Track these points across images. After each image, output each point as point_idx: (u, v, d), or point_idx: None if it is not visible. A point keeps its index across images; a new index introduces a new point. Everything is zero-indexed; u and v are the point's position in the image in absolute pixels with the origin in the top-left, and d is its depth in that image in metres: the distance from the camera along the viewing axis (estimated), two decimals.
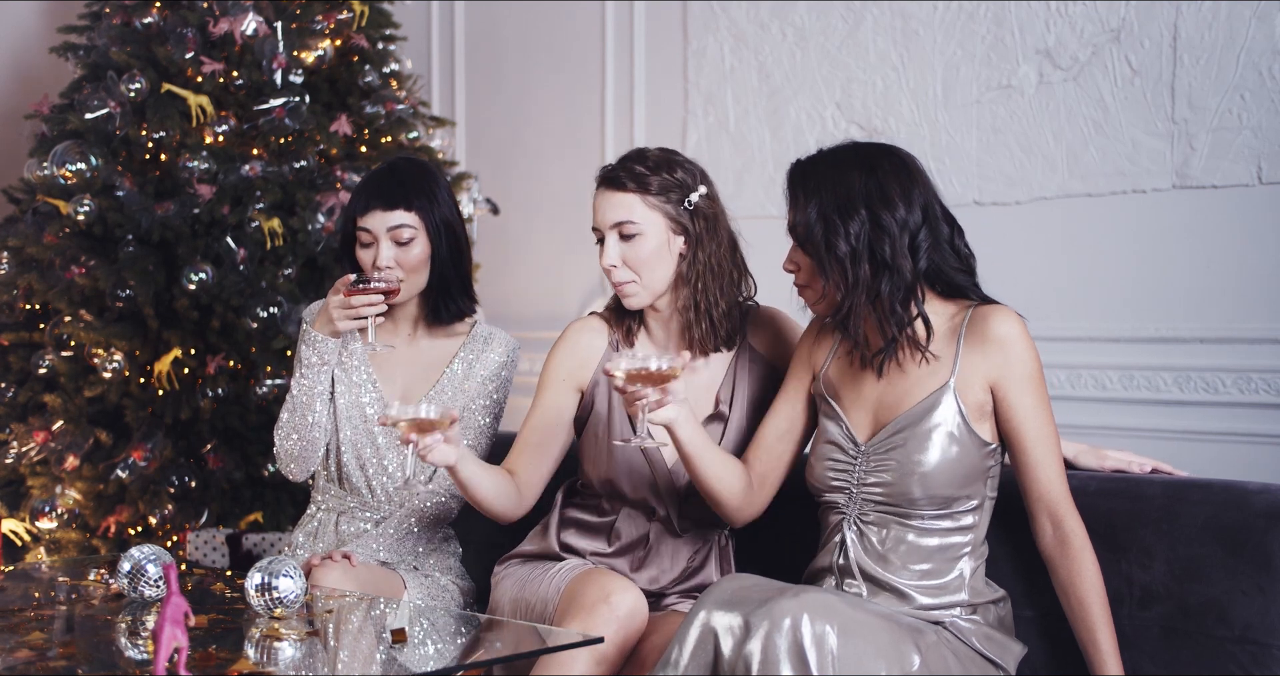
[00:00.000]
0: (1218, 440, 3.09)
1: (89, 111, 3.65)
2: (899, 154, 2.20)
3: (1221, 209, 3.10)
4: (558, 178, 4.57)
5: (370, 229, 2.60)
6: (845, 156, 2.19)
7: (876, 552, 2.14)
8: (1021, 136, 3.42)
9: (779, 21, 3.92)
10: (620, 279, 2.37)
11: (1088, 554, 2.10)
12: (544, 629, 2.15)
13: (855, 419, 2.20)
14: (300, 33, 3.74)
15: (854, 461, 2.18)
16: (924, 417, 2.12)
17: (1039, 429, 2.12)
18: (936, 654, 2.03)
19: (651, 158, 2.38)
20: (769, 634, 1.89)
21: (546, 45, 4.61)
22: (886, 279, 2.11)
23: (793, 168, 2.22)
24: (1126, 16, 3.24)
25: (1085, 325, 3.30)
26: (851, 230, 2.11)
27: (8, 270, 3.73)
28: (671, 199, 2.35)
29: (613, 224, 2.36)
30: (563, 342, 2.50)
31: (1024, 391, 2.11)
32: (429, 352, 2.73)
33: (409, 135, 3.92)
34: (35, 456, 3.60)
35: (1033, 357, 2.12)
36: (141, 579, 2.21)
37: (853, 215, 2.11)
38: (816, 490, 2.24)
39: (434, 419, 2.10)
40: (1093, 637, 2.08)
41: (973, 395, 2.12)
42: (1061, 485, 2.12)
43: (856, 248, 2.11)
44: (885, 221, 2.11)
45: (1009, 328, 2.12)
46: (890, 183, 2.13)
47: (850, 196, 2.12)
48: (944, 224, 2.17)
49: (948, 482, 2.11)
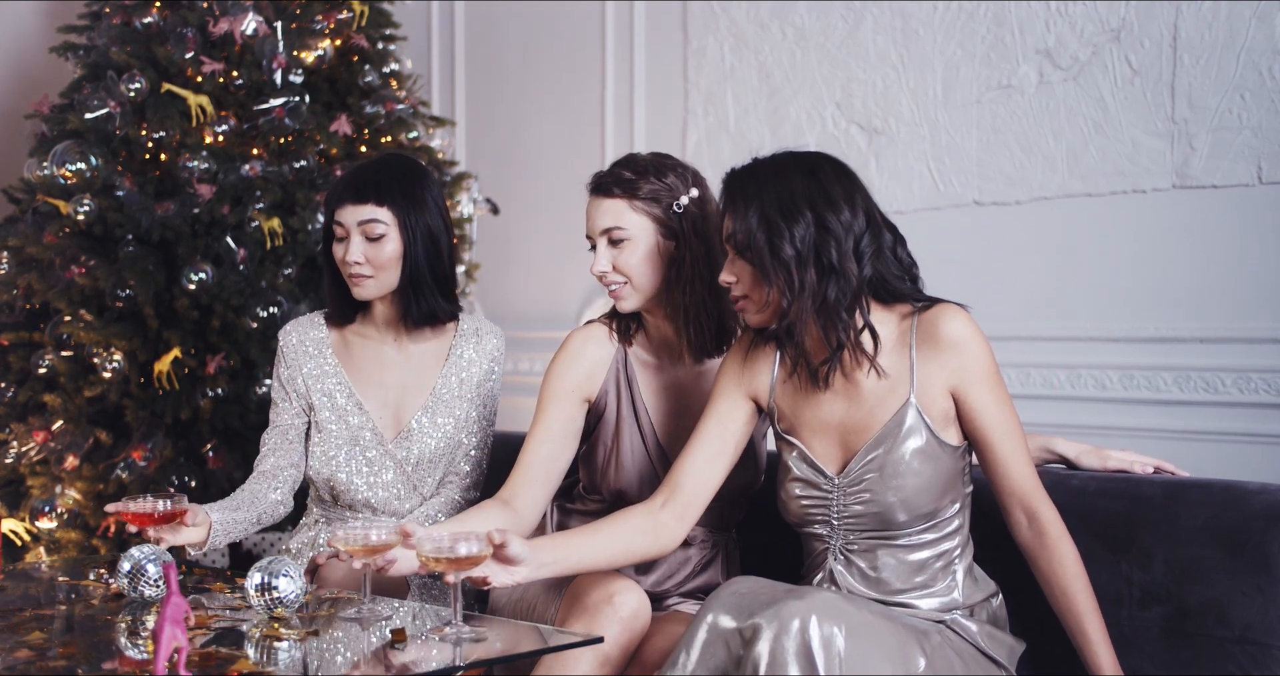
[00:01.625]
0: (1218, 440, 3.09)
1: (89, 111, 3.65)
2: (836, 161, 2.15)
3: (1221, 209, 3.10)
4: (558, 178, 4.57)
5: (343, 222, 2.59)
6: (784, 161, 2.13)
7: (867, 577, 2.14)
8: (1021, 136, 3.42)
9: (779, 21, 3.92)
10: (612, 283, 2.37)
11: (1065, 543, 2.08)
12: (545, 629, 2.15)
13: (820, 450, 2.17)
14: (300, 32, 3.74)
15: (830, 494, 2.15)
16: (893, 440, 2.09)
17: (1003, 425, 2.09)
18: (941, 655, 2.03)
19: (641, 162, 2.38)
20: (777, 636, 1.89)
21: (546, 45, 4.61)
22: (833, 284, 2.05)
23: (729, 175, 2.15)
24: (1126, 16, 3.24)
25: (1085, 325, 3.30)
26: (797, 233, 2.04)
27: (8, 270, 3.73)
28: (660, 203, 2.34)
29: (602, 230, 2.37)
30: (566, 354, 2.45)
31: (984, 391, 2.08)
32: (418, 357, 2.71)
33: (409, 135, 3.92)
34: (35, 456, 3.60)
35: (987, 353, 2.09)
36: (141, 579, 2.21)
37: (797, 217, 2.05)
38: (795, 524, 2.23)
39: (385, 542, 2.07)
40: (1080, 628, 2.07)
41: (935, 405, 2.09)
42: (1032, 478, 2.10)
43: (802, 251, 2.04)
44: (831, 224, 2.05)
45: (958, 326, 2.07)
46: (833, 185, 2.08)
47: (794, 198, 2.06)
48: (886, 231, 2.12)
49: (929, 499, 2.10)
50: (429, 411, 2.66)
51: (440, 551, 1.96)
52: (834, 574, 2.16)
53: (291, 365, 2.70)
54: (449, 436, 2.67)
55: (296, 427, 2.70)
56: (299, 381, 2.69)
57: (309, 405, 2.69)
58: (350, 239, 2.57)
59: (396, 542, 2.10)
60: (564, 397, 2.41)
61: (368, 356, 2.71)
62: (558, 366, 2.43)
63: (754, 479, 2.47)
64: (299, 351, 2.70)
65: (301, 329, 2.73)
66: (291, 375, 2.69)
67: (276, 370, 2.73)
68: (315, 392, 2.68)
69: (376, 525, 2.11)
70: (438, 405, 2.67)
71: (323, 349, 2.70)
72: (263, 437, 2.73)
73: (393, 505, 2.66)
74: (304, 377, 2.68)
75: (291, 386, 2.69)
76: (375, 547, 2.09)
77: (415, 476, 2.66)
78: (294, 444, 2.69)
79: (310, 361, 2.69)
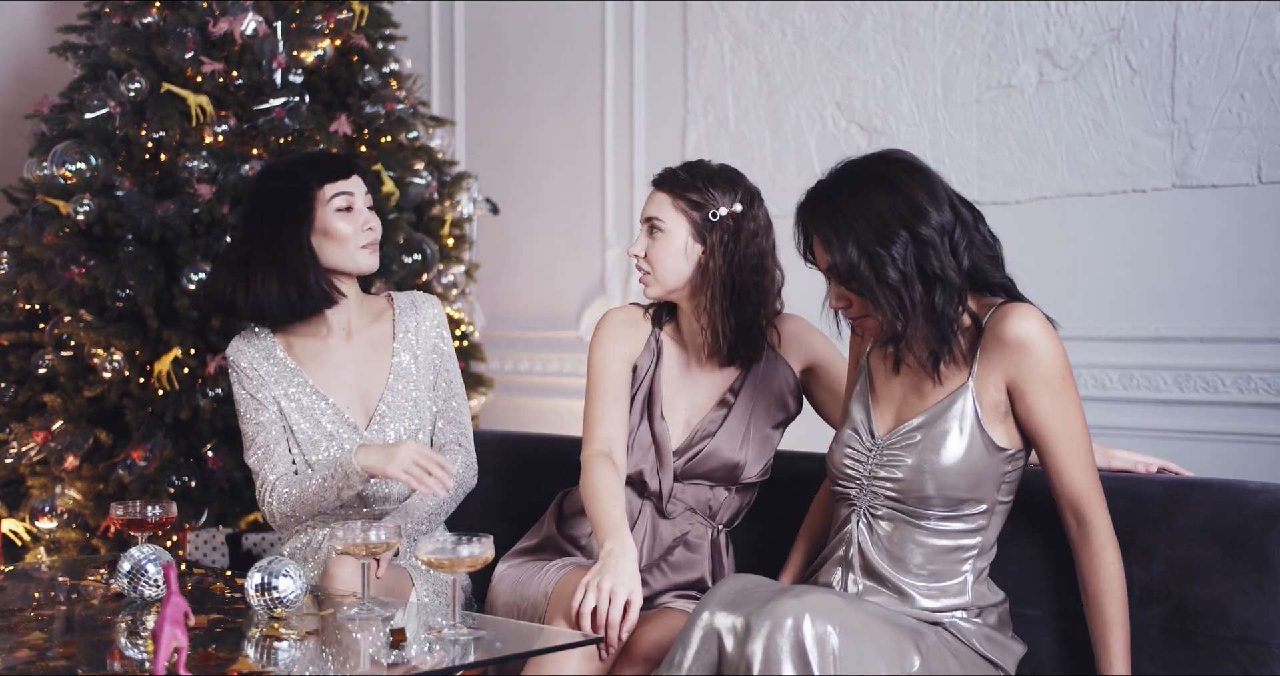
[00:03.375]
0: (1217, 439, 3.09)
1: (89, 111, 3.65)
2: (904, 160, 2.13)
3: (1221, 208, 3.10)
4: (558, 177, 4.57)
5: (349, 189, 2.65)
6: (856, 179, 2.10)
7: (884, 548, 2.14)
8: (1021, 136, 3.42)
9: (779, 21, 3.92)
10: (640, 268, 2.51)
11: (1108, 554, 2.08)
12: (543, 628, 2.15)
13: (880, 410, 2.20)
14: (300, 32, 3.74)
15: (868, 453, 2.17)
16: (940, 418, 2.10)
17: (1061, 429, 2.07)
18: (937, 655, 2.03)
19: (701, 168, 2.50)
20: (771, 634, 1.89)
21: (546, 45, 4.61)
22: (940, 291, 2.06)
23: (805, 207, 2.14)
24: (1126, 16, 3.24)
25: (1085, 324, 3.30)
26: (896, 254, 2.04)
27: (8, 270, 3.73)
28: (700, 208, 2.45)
29: (645, 217, 2.51)
30: (611, 323, 2.57)
31: (1043, 392, 2.06)
32: (366, 344, 2.74)
33: (409, 135, 3.92)
34: (35, 456, 3.60)
35: (1052, 357, 2.06)
36: (141, 579, 2.21)
37: (894, 239, 2.04)
38: (832, 476, 2.24)
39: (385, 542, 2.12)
40: (1103, 636, 2.07)
41: (988, 396, 2.09)
42: (1087, 484, 2.09)
43: (906, 272, 2.04)
44: (925, 234, 2.04)
45: (1025, 327, 2.06)
46: (915, 191, 2.06)
47: (884, 220, 2.05)
48: (965, 210, 2.11)
49: (958, 484, 2.09)
50: (393, 391, 2.69)
51: (441, 552, 1.97)
52: (856, 539, 2.16)
53: (253, 377, 2.67)
54: (421, 409, 2.70)
55: (279, 426, 2.67)
56: (265, 391, 2.67)
57: (280, 411, 2.68)
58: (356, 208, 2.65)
59: (397, 543, 2.11)
60: (617, 358, 2.53)
61: (320, 354, 2.71)
62: (603, 335, 2.55)
63: (753, 458, 2.50)
64: (254, 363, 2.68)
65: (248, 343, 2.70)
66: (256, 386, 2.67)
67: (239, 391, 2.68)
68: (282, 398, 2.67)
69: (376, 526, 2.12)
70: (399, 383, 2.70)
71: (276, 354, 2.69)
72: (250, 454, 2.66)
73: (383, 490, 2.66)
74: (269, 386, 2.67)
75: (262, 393, 2.67)
76: (374, 547, 2.10)
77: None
78: (282, 442, 2.67)
79: (268, 368, 2.68)
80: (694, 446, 2.49)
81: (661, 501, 2.50)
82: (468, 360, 4.11)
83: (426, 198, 3.98)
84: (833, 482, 2.25)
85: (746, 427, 2.50)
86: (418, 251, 3.83)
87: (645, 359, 2.54)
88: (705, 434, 2.50)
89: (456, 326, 4.05)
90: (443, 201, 4.05)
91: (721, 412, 2.51)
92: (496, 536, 2.73)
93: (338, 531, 2.10)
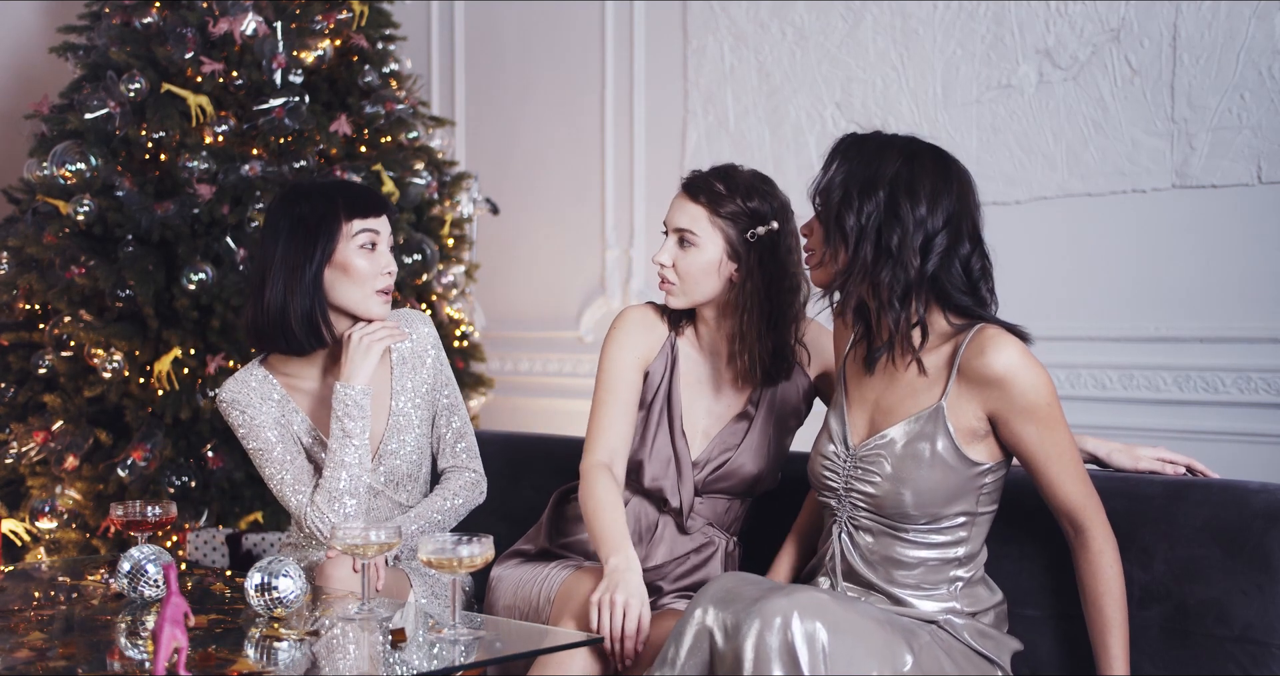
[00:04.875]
0: (1217, 439, 3.09)
1: (89, 111, 3.65)
2: (948, 161, 2.13)
3: (1221, 208, 3.10)
4: (557, 177, 4.57)
5: (377, 228, 2.52)
6: (895, 142, 2.13)
7: (868, 560, 2.14)
8: (1021, 136, 3.42)
9: (779, 21, 3.92)
10: (667, 277, 2.41)
11: (1106, 558, 2.07)
12: (544, 629, 2.15)
13: (853, 417, 2.19)
14: (300, 33, 3.74)
15: (844, 464, 2.16)
16: (911, 436, 2.09)
17: (1048, 451, 2.06)
18: (930, 654, 2.03)
19: (737, 179, 2.39)
20: (760, 632, 1.89)
21: (546, 45, 4.61)
22: (887, 268, 2.05)
23: (845, 136, 2.17)
24: (1126, 16, 3.24)
25: (1085, 325, 3.31)
26: (865, 209, 2.06)
27: (8, 270, 3.73)
28: (738, 225, 2.37)
29: (676, 228, 2.40)
30: (627, 323, 2.48)
31: (1028, 421, 2.04)
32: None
33: (408, 135, 3.92)
34: (35, 456, 3.61)
35: (1034, 389, 2.03)
36: (141, 579, 2.21)
37: (870, 195, 2.06)
38: (813, 486, 2.24)
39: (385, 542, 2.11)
40: (1102, 637, 2.07)
41: (964, 421, 2.07)
42: (1079, 497, 2.08)
43: (864, 227, 2.06)
44: (902, 212, 2.05)
45: (1004, 360, 2.03)
46: (924, 178, 2.08)
47: (876, 176, 2.07)
48: (967, 242, 2.09)
49: (934, 500, 2.08)
50: (396, 430, 2.60)
51: (442, 552, 1.97)
52: (842, 548, 2.16)
53: (255, 416, 2.53)
54: (423, 445, 2.64)
55: (291, 448, 2.55)
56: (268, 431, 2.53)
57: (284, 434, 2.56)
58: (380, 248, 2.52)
59: (397, 543, 2.11)
60: (629, 365, 2.45)
61: (317, 393, 2.59)
62: (620, 334, 2.47)
63: (771, 470, 2.48)
64: (253, 406, 2.54)
65: (244, 385, 2.55)
66: (262, 423, 2.53)
67: (245, 441, 2.55)
68: (285, 427, 2.56)
69: (376, 526, 2.12)
70: (400, 418, 2.60)
71: (273, 394, 2.56)
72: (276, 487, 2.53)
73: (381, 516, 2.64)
74: (271, 424, 2.54)
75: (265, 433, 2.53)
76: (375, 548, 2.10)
77: (398, 495, 2.63)
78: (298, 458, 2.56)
79: (271, 409, 2.55)
80: (714, 460, 2.44)
81: (682, 516, 2.45)
82: (468, 360, 4.11)
83: (426, 198, 3.98)
84: (815, 493, 2.25)
85: (768, 441, 2.45)
86: (418, 251, 3.83)
87: (659, 365, 2.47)
88: (726, 447, 2.44)
89: (456, 326, 4.06)
90: (443, 201, 4.05)
91: (742, 426, 2.45)
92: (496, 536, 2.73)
93: (338, 531, 2.10)
